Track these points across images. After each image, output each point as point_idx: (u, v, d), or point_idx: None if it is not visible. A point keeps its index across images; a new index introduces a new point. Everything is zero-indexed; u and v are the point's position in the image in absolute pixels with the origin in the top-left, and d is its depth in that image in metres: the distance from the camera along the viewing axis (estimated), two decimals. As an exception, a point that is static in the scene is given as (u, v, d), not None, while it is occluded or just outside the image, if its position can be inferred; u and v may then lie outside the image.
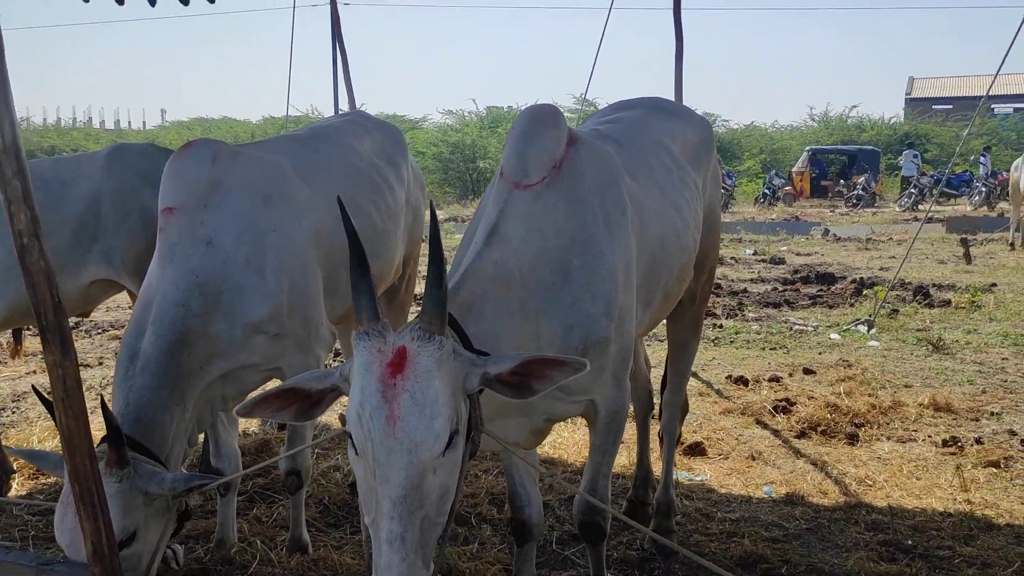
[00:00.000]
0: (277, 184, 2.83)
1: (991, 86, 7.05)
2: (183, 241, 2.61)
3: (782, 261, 12.98)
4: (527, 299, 2.27)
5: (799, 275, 11.10)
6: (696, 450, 4.56)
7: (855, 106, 36.26)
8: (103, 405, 2.27)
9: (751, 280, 10.98)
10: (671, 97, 6.33)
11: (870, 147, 27.88)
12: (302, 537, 3.19)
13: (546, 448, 4.64)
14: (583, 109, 29.22)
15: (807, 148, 27.89)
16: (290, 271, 2.75)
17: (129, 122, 48.75)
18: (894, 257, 13.27)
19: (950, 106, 38.41)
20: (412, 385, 1.71)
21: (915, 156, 25.18)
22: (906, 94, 43.15)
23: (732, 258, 13.43)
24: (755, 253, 14.06)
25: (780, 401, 5.34)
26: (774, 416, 5.15)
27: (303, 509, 3.19)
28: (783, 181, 25.49)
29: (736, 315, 8.49)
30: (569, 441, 4.76)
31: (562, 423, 5.01)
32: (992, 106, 37.44)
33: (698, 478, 4.21)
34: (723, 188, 23.38)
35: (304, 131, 3.50)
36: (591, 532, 2.68)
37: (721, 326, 7.95)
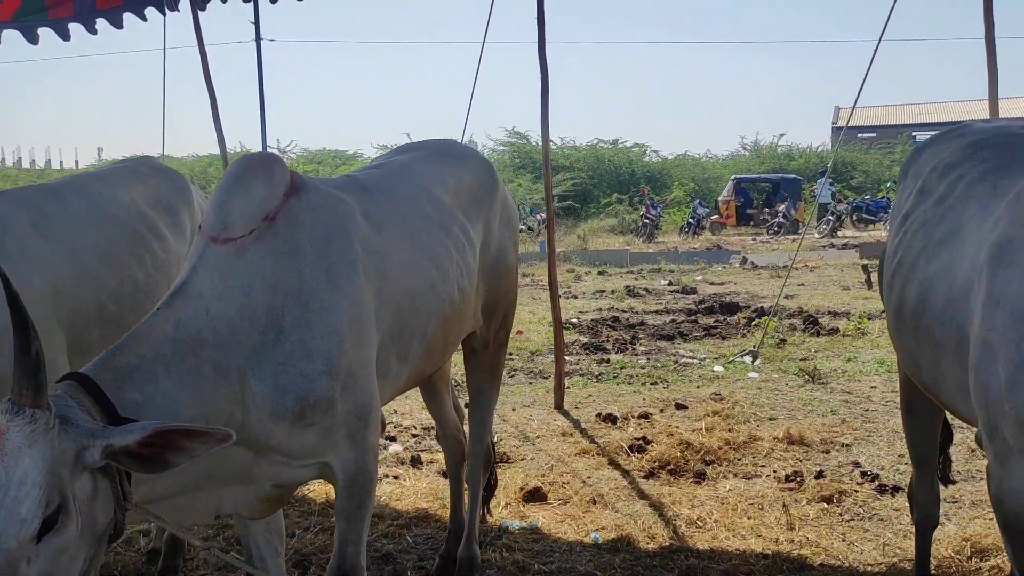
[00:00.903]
0: None
1: (850, 117, 7.18)
2: None
3: (693, 291, 13.06)
4: (225, 360, 2.14)
5: (703, 305, 11.14)
6: (536, 495, 4.44)
7: (783, 134, 37.07)
8: None
9: (655, 311, 10.99)
10: (538, 130, 6.33)
11: (792, 175, 28.41)
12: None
13: (381, 497, 4.48)
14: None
15: (732, 177, 28.34)
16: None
17: (61, 161, 47.42)
18: (803, 285, 13.45)
19: (874, 134, 39.46)
20: None
21: (830, 183, 25.73)
22: (832, 123, 44.20)
23: (645, 289, 13.47)
24: (670, 283, 14.15)
25: (638, 440, 5.27)
26: (629, 456, 5.07)
27: None
28: (707, 210, 25.80)
29: (627, 349, 8.45)
30: (411, 490, 4.61)
31: (401, 471, 4.87)
32: (914, 134, 38.56)
33: (527, 525, 4.09)
34: (647, 219, 23.67)
35: (58, 180, 3.35)
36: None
37: (608, 361, 7.90)
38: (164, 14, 6.22)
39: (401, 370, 2.67)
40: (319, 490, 4.44)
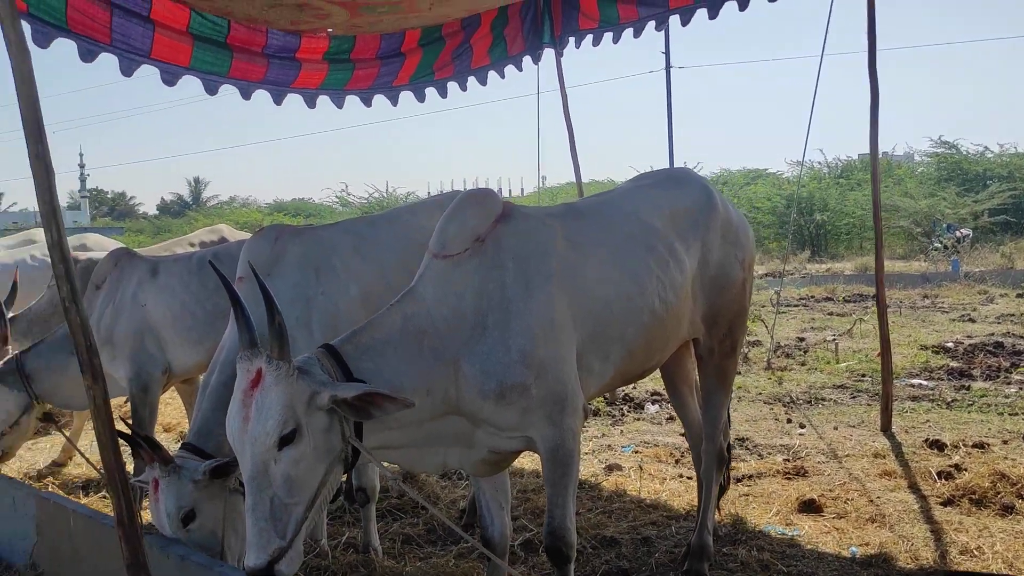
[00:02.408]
0: (328, 258, 3.64)
1: None
2: (247, 304, 3.50)
3: None
4: (441, 348, 2.79)
5: None
6: (810, 507, 4.51)
7: None
8: (132, 432, 3.12)
9: (1064, 338, 9.64)
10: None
11: None
12: (371, 543, 3.92)
13: (662, 495, 4.87)
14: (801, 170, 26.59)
15: None
16: (335, 329, 3.52)
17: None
18: None
19: None
20: (258, 395, 2.39)
21: None
22: None
23: (1065, 314, 11.78)
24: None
25: (950, 467, 4.98)
26: (934, 482, 4.84)
27: (372, 521, 3.90)
28: None
29: (997, 377, 7.67)
30: (693, 489, 4.94)
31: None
32: None
33: (789, 533, 4.21)
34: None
35: (381, 213, 4.27)
36: (555, 555, 3.03)
37: (969, 388, 7.27)
38: (521, 69, 7.38)
39: (605, 369, 3.12)
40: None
